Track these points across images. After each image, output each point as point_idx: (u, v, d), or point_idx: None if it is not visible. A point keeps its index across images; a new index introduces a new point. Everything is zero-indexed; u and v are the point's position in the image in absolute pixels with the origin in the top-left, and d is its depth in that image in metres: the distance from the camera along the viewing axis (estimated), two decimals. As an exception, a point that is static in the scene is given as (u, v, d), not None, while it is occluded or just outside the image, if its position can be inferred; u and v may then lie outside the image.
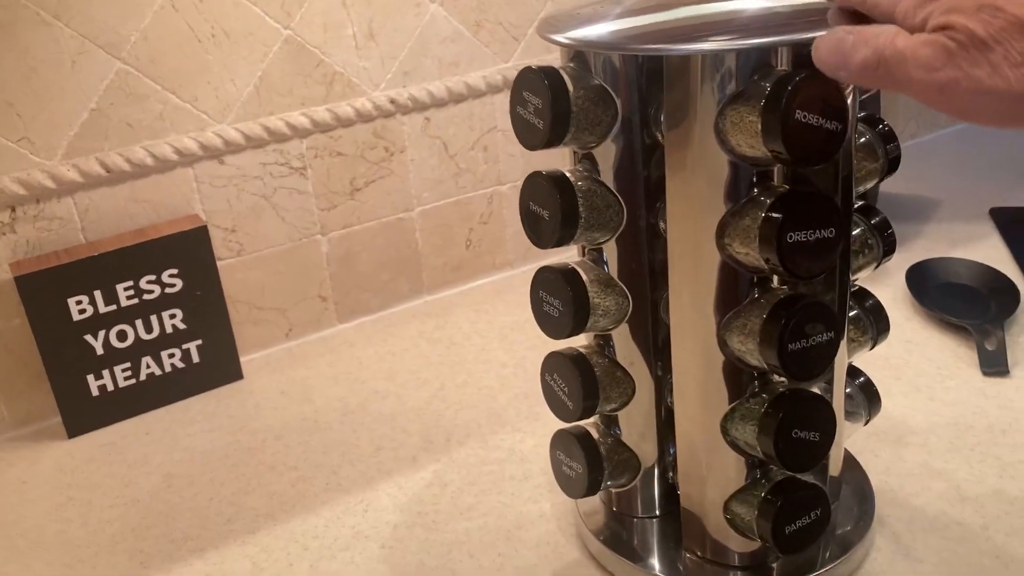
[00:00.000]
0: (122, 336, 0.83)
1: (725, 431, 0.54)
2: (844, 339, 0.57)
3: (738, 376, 0.54)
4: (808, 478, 0.56)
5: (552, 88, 0.50)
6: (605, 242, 0.56)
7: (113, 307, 0.82)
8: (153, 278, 0.83)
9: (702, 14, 0.51)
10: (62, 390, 0.82)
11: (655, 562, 0.61)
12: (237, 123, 0.86)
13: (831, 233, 0.48)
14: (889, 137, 0.56)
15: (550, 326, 0.57)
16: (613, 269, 0.57)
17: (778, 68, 0.47)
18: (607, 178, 0.54)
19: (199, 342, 0.87)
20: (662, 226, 0.55)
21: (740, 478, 0.56)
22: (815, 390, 0.56)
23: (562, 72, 0.51)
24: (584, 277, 0.56)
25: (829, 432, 0.53)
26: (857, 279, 0.60)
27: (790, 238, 0.47)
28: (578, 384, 0.57)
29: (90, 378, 0.83)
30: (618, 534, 0.63)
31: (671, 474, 0.62)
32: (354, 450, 0.78)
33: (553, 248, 0.55)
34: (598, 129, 0.53)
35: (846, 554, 0.60)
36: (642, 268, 0.56)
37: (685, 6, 0.52)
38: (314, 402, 0.85)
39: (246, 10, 0.83)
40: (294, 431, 0.81)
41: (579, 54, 0.53)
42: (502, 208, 1.03)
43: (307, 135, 0.90)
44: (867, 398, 0.63)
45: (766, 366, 0.51)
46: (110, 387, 0.84)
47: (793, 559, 0.59)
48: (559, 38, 0.51)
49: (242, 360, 0.91)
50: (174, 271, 0.84)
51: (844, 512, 0.63)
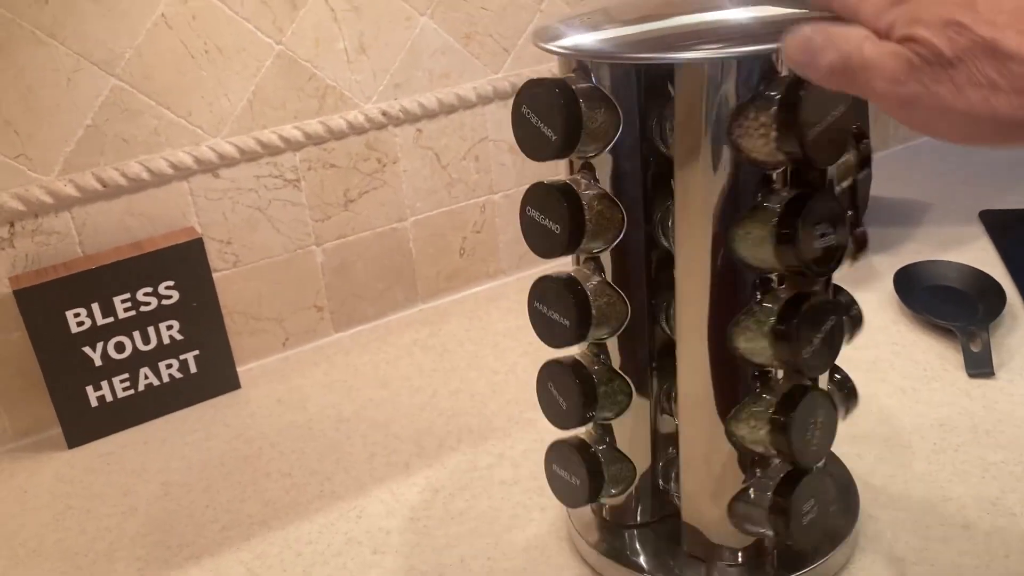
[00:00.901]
0: (120, 348, 0.85)
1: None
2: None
3: (744, 376, 0.55)
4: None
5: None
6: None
7: (111, 319, 0.83)
8: (150, 290, 0.84)
9: (700, 22, 0.52)
10: (62, 401, 0.84)
11: (644, 564, 0.62)
12: (231, 137, 0.87)
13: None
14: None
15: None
16: (610, 276, 0.57)
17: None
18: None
19: (196, 352, 0.88)
20: (659, 233, 0.56)
21: (739, 480, 0.57)
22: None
23: (569, 83, 0.51)
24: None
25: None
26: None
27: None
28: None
29: (89, 389, 0.84)
30: (608, 537, 0.64)
31: (660, 481, 0.63)
32: (348, 457, 0.79)
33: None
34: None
35: (830, 554, 0.60)
36: (639, 276, 0.56)
37: (678, 15, 0.53)
38: (309, 410, 0.87)
39: (238, 26, 0.85)
40: (289, 439, 0.82)
41: (580, 64, 0.53)
42: (495, 217, 1.04)
43: (300, 148, 0.91)
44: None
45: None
46: (109, 398, 0.85)
47: (782, 557, 0.60)
48: (557, 48, 0.52)
49: (239, 370, 0.92)
50: (171, 283, 0.85)
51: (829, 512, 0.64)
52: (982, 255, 1.01)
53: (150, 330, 0.86)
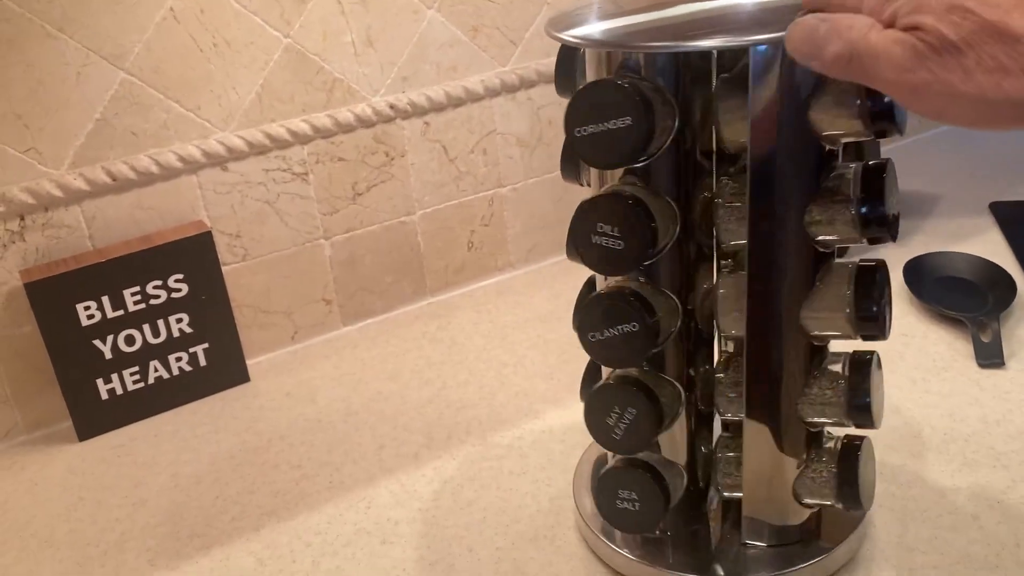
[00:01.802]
0: (130, 340, 0.85)
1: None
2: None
3: (810, 354, 0.56)
4: None
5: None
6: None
7: (121, 312, 0.84)
8: (159, 283, 0.85)
9: (713, 8, 0.52)
10: (72, 394, 0.84)
11: (651, 554, 0.62)
12: (240, 130, 0.88)
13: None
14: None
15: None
16: (657, 280, 0.56)
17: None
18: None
19: (206, 346, 0.89)
20: (698, 229, 0.56)
21: (798, 459, 0.59)
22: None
23: (640, 83, 0.49)
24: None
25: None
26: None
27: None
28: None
29: (99, 382, 0.85)
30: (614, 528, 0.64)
31: (700, 480, 0.63)
32: (357, 449, 0.79)
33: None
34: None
35: (841, 542, 0.60)
36: (681, 274, 0.56)
37: (685, 3, 0.53)
38: (318, 403, 0.87)
39: (247, 20, 0.85)
40: (298, 431, 0.83)
41: (625, 59, 0.52)
42: (503, 210, 1.04)
43: (308, 141, 0.91)
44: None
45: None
46: (119, 391, 0.86)
47: (785, 553, 0.60)
48: (596, 42, 0.51)
49: (248, 363, 0.92)
50: (180, 276, 0.85)
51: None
52: (992, 246, 1.00)
53: (160, 323, 0.86)
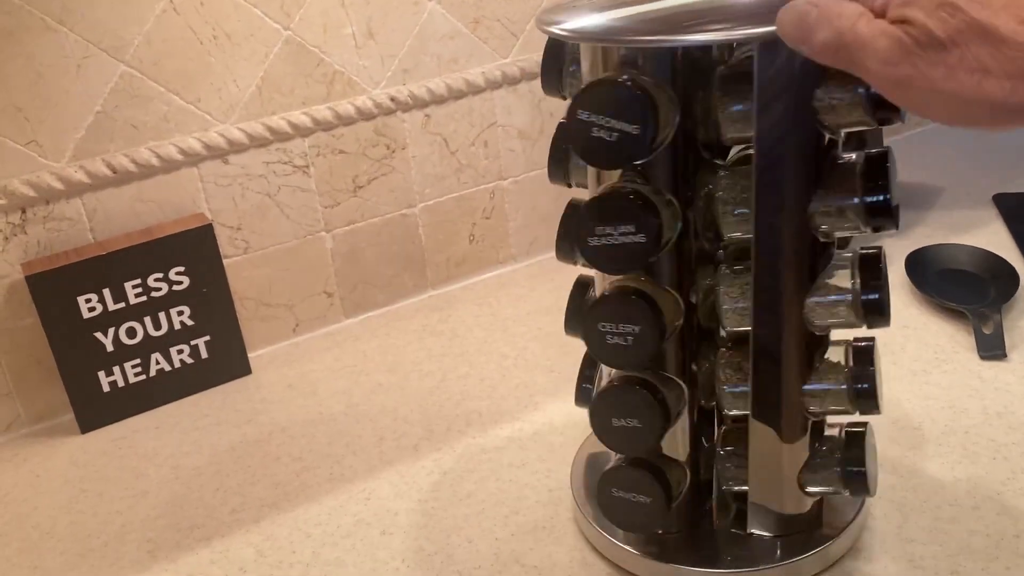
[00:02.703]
0: (131, 333, 0.85)
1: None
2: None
3: (813, 345, 0.56)
4: None
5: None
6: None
7: (122, 304, 0.84)
8: (161, 276, 0.85)
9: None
10: (74, 387, 0.84)
11: (648, 546, 0.62)
12: (240, 123, 0.88)
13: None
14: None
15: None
16: (659, 277, 0.56)
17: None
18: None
19: (207, 338, 0.89)
20: (697, 224, 0.55)
21: (804, 449, 0.59)
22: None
23: (645, 81, 0.49)
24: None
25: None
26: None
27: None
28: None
29: (101, 375, 0.85)
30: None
31: (702, 472, 0.62)
32: (357, 441, 0.79)
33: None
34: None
35: (840, 534, 0.60)
36: (682, 271, 0.56)
37: None
38: (319, 395, 0.87)
39: (247, 12, 0.85)
40: (299, 424, 0.83)
41: (624, 55, 0.51)
42: (504, 203, 1.04)
43: (309, 134, 0.91)
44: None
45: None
46: (121, 383, 0.86)
47: (785, 541, 0.60)
48: (588, 37, 0.50)
49: (250, 356, 0.93)
50: (181, 269, 0.86)
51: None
52: (995, 238, 1.00)
53: (161, 316, 0.86)
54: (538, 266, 1.07)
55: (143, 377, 0.87)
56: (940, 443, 0.71)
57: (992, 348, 0.80)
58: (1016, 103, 0.36)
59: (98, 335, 0.84)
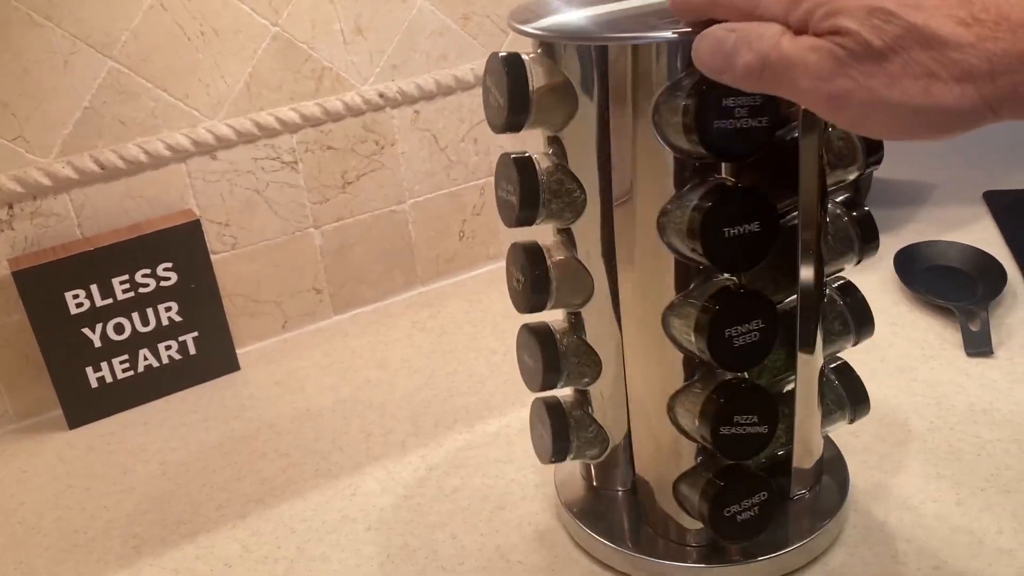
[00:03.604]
0: (119, 329, 0.85)
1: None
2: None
3: (686, 360, 0.55)
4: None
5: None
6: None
7: (110, 300, 0.84)
8: (148, 272, 0.85)
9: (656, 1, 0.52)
10: (62, 383, 0.84)
11: (631, 542, 0.62)
12: (228, 119, 0.88)
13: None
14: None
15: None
16: (579, 251, 0.58)
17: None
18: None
19: (195, 334, 0.89)
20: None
21: (690, 459, 0.57)
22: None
23: (525, 58, 0.53)
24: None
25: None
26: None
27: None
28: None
29: (89, 371, 0.85)
30: (596, 512, 0.64)
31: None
32: (344, 437, 0.79)
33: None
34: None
35: (819, 529, 0.60)
36: (608, 250, 0.57)
37: None
38: (307, 391, 0.87)
39: (234, 8, 0.85)
40: (286, 420, 0.83)
41: (546, 43, 0.54)
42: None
43: (297, 130, 0.91)
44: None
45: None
46: (108, 379, 0.86)
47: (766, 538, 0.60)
48: (525, 28, 0.53)
49: (239, 352, 0.93)
50: (169, 265, 0.85)
51: (820, 488, 0.64)
52: (985, 235, 1.00)
53: (149, 312, 0.86)
54: (528, 263, 1.07)
55: (131, 373, 0.87)
56: (926, 439, 0.71)
57: (979, 345, 0.80)
58: (966, 107, 0.34)
59: (86, 331, 0.84)
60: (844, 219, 0.59)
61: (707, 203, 0.48)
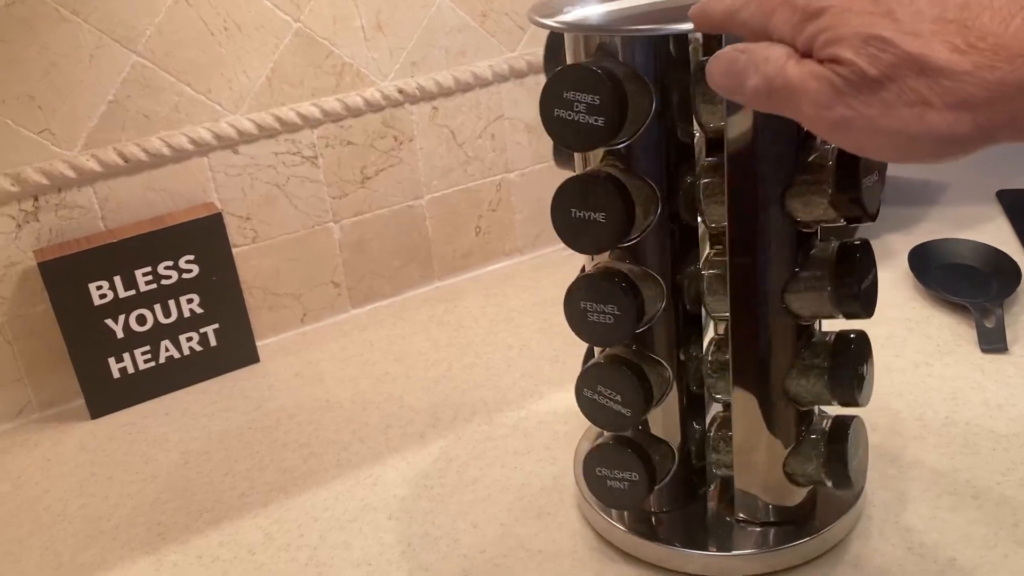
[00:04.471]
0: (141, 320, 0.86)
1: (786, 388, 0.57)
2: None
3: (796, 334, 0.57)
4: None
5: (612, 84, 0.49)
6: (641, 235, 0.56)
7: (132, 292, 0.85)
8: (170, 264, 0.86)
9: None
10: (85, 373, 0.85)
11: (652, 530, 0.62)
12: (250, 114, 0.89)
13: (877, 176, 0.52)
14: None
15: (601, 334, 0.56)
16: (637, 260, 0.57)
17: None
18: (638, 170, 0.55)
19: (216, 326, 0.90)
20: (684, 211, 0.56)
21: (789, 438, 0.59)
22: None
23: (612, 66, 0.50)
24: (631, 277, 0.55)
25: (871, 368, 0.58)
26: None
27: (863, 182, 0.51)
28: (636, 390, 0.56)
29: (111, 361, 0.86)
30: (616, 504, 0.65)
31: (694, 458, 0.63)
32: (364, 428, 0.80)
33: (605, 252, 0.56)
34: (640, 121, 0.52)
35: (835, 521, 0.61)
36: (667, 258, 0.57)
37: None
38: (326, 383, 0.88)
39: (257, 4, 0.86)
40: (307, 411, 0.84)
41: (602, 43, 0.53)
42: (510, 195, 1.05)
43: (318, 125, 0.92)
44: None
45: (837, 312, 0.54)
46: (130, 370, 0.87)
47: (783, 528, 0.61)
48: (571, 26, 0.52)
49: (258, 344, 0.94)
50: (191, 257, 0.87)
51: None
52: (999, 234, 1.00)
53: (171, 303, 0.87)
54: (543, 258, 1.07)
55: (152, 364, 0.88)
56: (941, 434, 0.71)
57: (994, 341, 0.81)
58: (961, 134, 0.34)
59: (108, 322, 0.85)
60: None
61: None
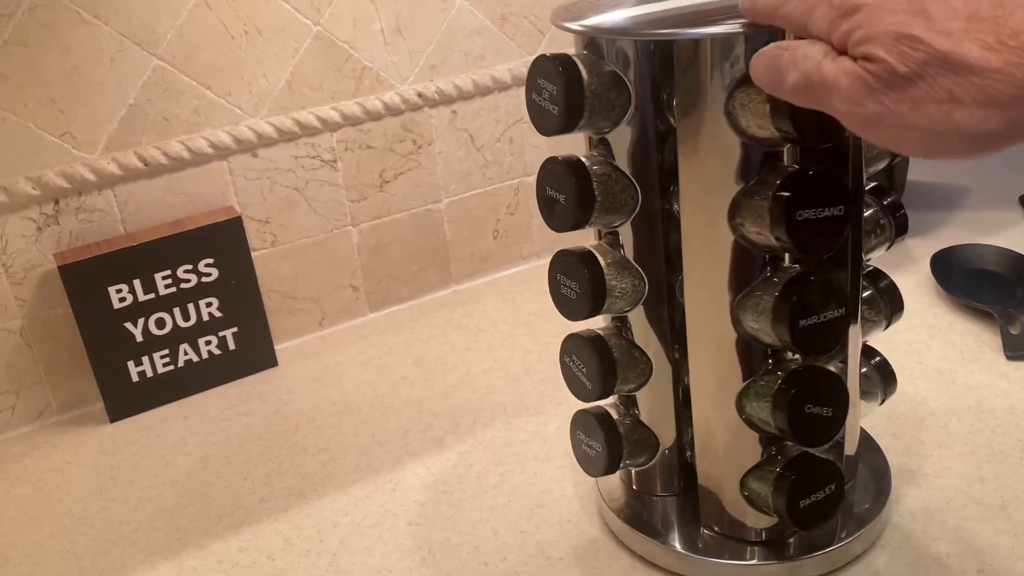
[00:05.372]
0: (161, 324, 0.86)
1: (740, 408, 0.56)
2: (858, 318, 0.58)
3: (752, 354, 0.55)
4: (823, 455, 0.57)
5: (566, 75, 0.52)
6: (620, 225, 0.57)
7: (152, 295, 0.85)
8: (190, 267, 0.86)
9: (710, 0, 0.53)
10: (104, 376, 0.85)
11: (674, 538, 0.62)
12: (270, 117, 0.88)
13: (840, 211, 0.50)
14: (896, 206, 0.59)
15: (568, 308, 0.59)
16: (629, 252, 0.58)
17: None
18: (622, 162, 0.56)
19: (235, 330, 0.90)
20: (676, 209, 0.56)
21: (756, 455, 0.57)
22: (830, 368, 0.57)
23: (576, 59, 0.53)
24: (601, 260, 0.57)
25: (842, 407, 0.54)
26: (870, 259, 0.61)
27: (799, 216, 0.49)
28: (596, 364, 0.59)
29: (130, 364, 0.86)
30: (638, 511, 0.64)
31: (689, 453, 0.63)
32: (383, 433, 0.80)
33: (569, 231, 0.56)
34: (612, 115, 0.54)
35: (860, 531, 0.60)
36: (657, 250, 0.57)
37: None
38: (345, 387, 0.88)
39: (277, 7, 0.86)
40: (325, 415, 0.84)
41: (593, 42, 0.54)
42: (528, 199, 1.05)
43: (337, 128, 0.92)
44: (882, 377, 0.63)
45: (779, 343, 0.52)
46: (149, 373, 0.87)
47: (807, 535, 0.60)
48: (571, 26, 0.53)
49: (276, 348, 0.93)
50: (210, 261, 0.86)
51: (860, 491, 0.64)
52: (1022, 239, 0.99)
53: (190, 307, 0.87)
54: (562, 262, 1.07)
55: (171, 367, 0.88)
56: (967, 442, 0.70)
57: (1019, 348, 0.80)
58: (989, 131, 0.35)
59: (128, 325, 0.85)
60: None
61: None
